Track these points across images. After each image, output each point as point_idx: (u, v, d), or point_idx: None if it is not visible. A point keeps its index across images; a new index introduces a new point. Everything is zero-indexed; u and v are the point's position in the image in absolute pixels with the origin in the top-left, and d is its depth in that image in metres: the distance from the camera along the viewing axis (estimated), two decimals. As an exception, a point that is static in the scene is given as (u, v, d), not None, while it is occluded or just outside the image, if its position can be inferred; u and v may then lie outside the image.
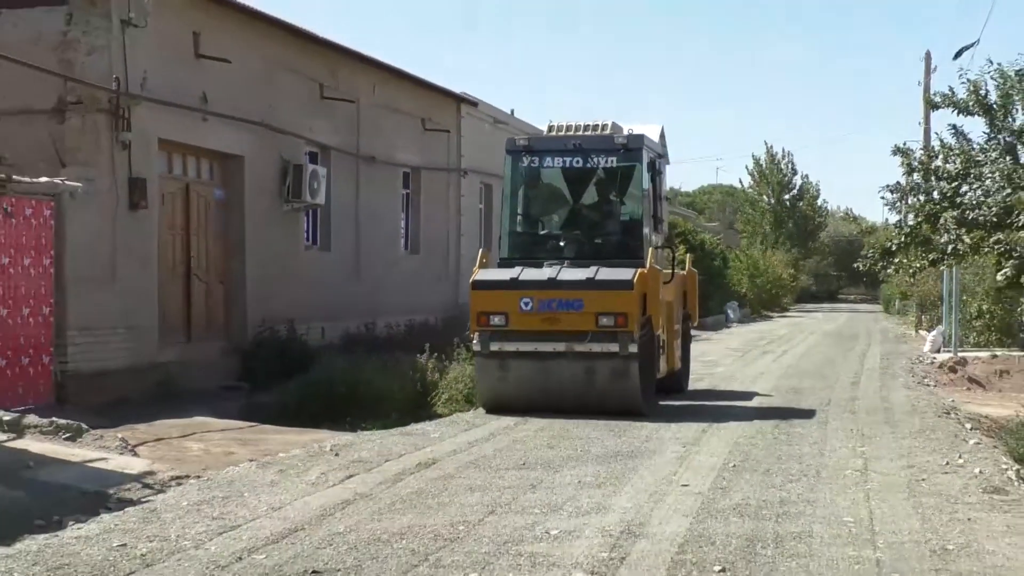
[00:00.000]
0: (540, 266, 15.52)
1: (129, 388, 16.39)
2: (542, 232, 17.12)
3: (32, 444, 11.86)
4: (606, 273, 14.88)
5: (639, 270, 15.03)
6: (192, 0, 18.74)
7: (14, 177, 13.67)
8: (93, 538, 8.50)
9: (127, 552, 8.09)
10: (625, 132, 16.79)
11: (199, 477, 11.09)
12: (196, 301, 19.65)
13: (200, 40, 18.88)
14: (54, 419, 12.85)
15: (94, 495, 9.95)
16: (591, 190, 17.32)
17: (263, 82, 20.83)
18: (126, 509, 9.57)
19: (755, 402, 18.39)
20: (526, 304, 14.85)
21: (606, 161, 16.70)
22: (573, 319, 14.75)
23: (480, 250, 17.25)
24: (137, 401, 15.83)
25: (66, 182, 15.87)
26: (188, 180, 19.57)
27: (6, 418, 12.55)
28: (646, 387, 15.18)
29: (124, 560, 7.86)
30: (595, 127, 16.83)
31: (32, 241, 15.52)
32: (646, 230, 16.37)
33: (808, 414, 16.86)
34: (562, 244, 16.51)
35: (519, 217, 16.96)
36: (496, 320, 15.05)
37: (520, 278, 15.18)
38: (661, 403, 16.55)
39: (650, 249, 15.93)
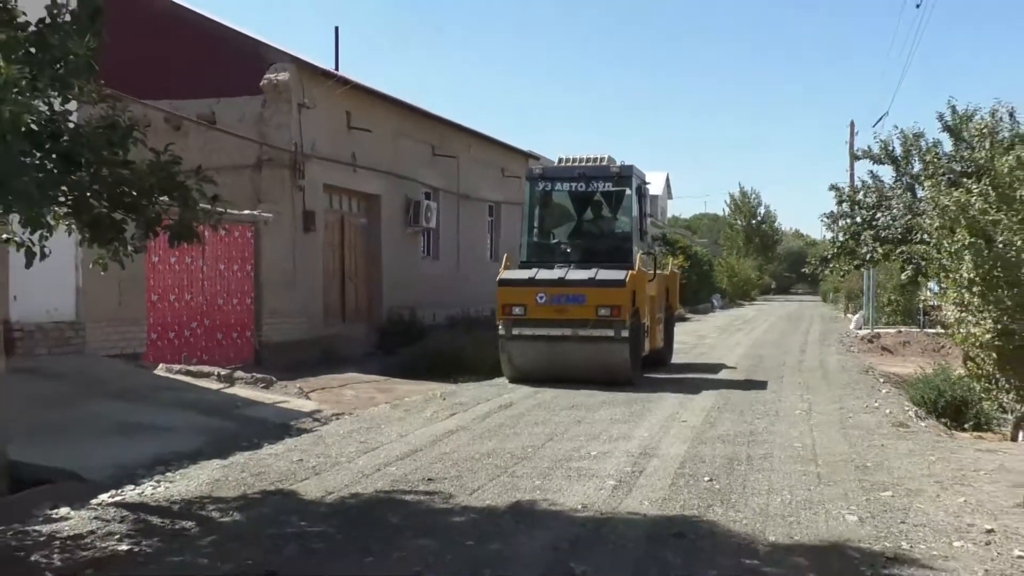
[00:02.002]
0: (552, 268, 14.40)
1: (303, 354, 16.53)
2: (553, 241, 15.74)
3: (239, 391, 12.00)
4: (604, 274, 13.80)
5: (629, 272, 13.90)
6: (345, 91, 18.82)
7: (228, 210, 13.80)
8: (280, 454, 8.61)
9: (303, 464, 8.19)
10: (618, 164, 15.47)
11: (350, 414, 11.16)
12: (348, 295, 19.78)
13: (350, 117, 19.00)
14: (254, 374, 13.00)
15: (281, 426, 10.07)
16: (591, 208, 16.13)
17: (392, 144, 20.91)
18: (302, 435, 9.70)
19: (731, 364, 18.22)
20: (540, 298, 13.77)
21: (603, 186, 15.55)
22: (577, 310, 13.61)
23: (505, 255, 15.92)
24: (309, 363, 15.97)
25: (261, 213, 16.07)
26: (343, 212, 19.69)
27: (222, 373, 12.72)
28: (634, 363, 14.06)
29: (301, 470, 7.96)
30: (595, 159, 15.60)
31: (239, 254, 15.74)
32: (634, 240, 15.12)
33: (769, 373, 16.72)
34: (569, 250, 15.32)
35: (535, 229, 15.58)
36: (517, 310, 13.91)
37: (536, 277, 14.05)
38: (653, 375, 15.22)
39: (638, 255, 14.68)
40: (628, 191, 15.42)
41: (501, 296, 14.10)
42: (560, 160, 15.88)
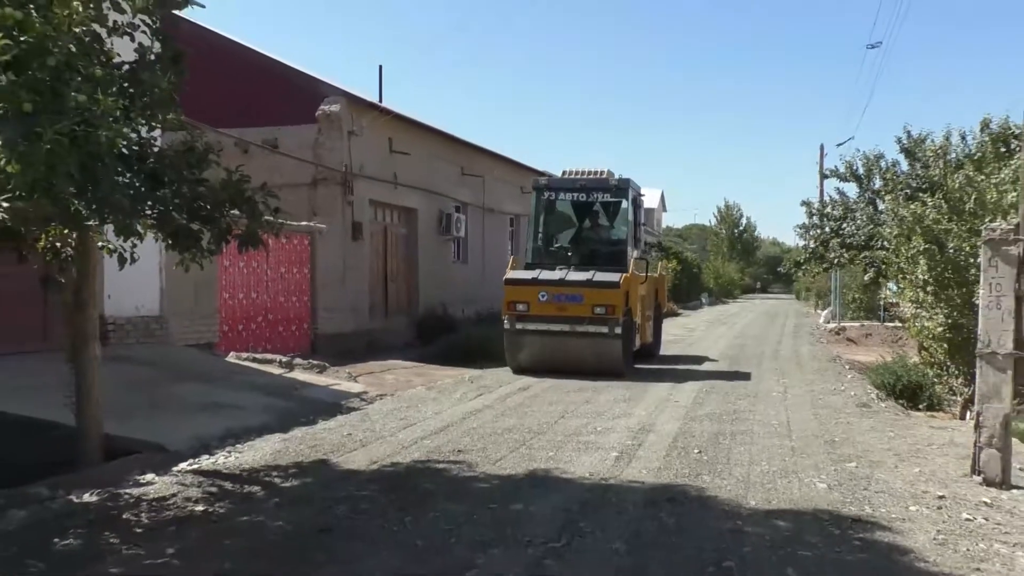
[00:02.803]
0: (553, 269, 13.71)
1: (352, 343, 16.56)
2: (556, 245, 15.11)
3: (298, 375, 12.06)
4: (600, 276, 13.13)
5: (623, 274, 13.29)
6: (387, 120, 18.85)
7: (288, 221, 13.86)
8: (332, 429, 8.65)
9: (352, 437, 8.22)
10: (616, 177, 14.81)
11: (392, 395, 11.19)
12: (390, 294, 19.76)
13: (392, 142, 18.99)
14: (310, 360, 13.07)
15: (333, 404, 10.11)
16: (591, 217, 15.50)
17: (428, 165, 20.88)
18: (351, 413, 9.73)
19: (717, 353, 18.14)
20: (542, 296, 13.08)
21: (602, 196, 14.97)
22: (576, 308, 12.95)
23: (511, 257, 15.28)
24: (356, 351, 16.01)
25: (316, 224, 16.09)
26: (386, 223, 19.68)
27: (283, 360, 12.77)
28: (626, 356, 13.40)
29: (350, 442, 7.99)
30: (595, 172, 14.91)
31: (298, 259, 15.78)
32: (629, 246, 14.41)
33: (749, 361, 16.63)
34: (570, 254, 14.70)
35: (540, 234, 14.99)
36: (520, 307, 13.24)
37: (539, 278, 13.35)
38: (644, 366, 14.71)
39: (631, 259, 14.10)
40: (624, 202, 14.83)
41: (507, 294, 13.50)
42: (564, 172, 15.25)
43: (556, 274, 13.44)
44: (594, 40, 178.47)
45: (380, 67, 24.36)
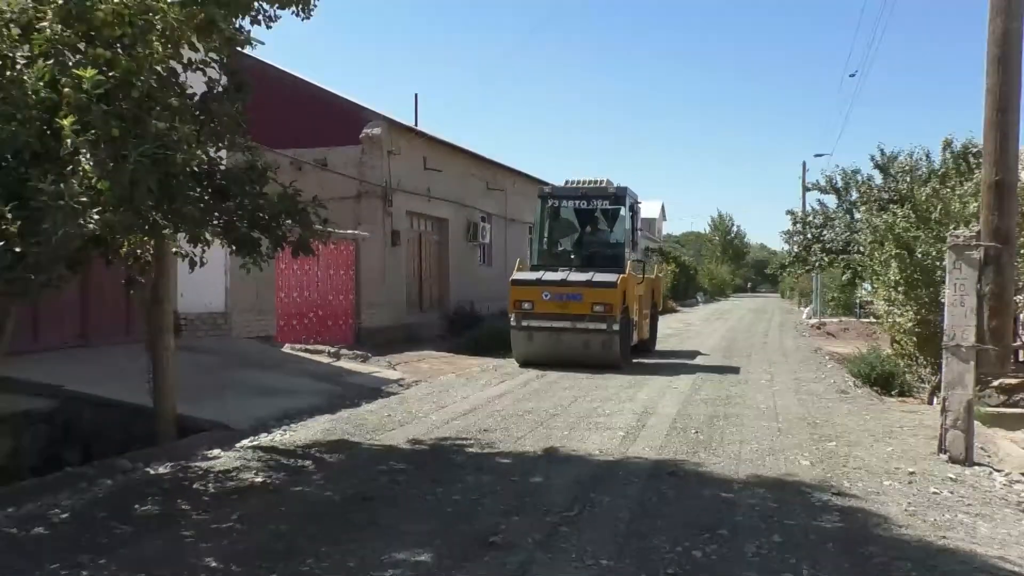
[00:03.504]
0: (556, 271, 13.13)
1: (391, 336, 16.62)
2: (559, 249, 14.42)
3: (344, 363, 12.12)
4: (599, 277, 12.53)
5: (620, 275, 12.65)
6: (422, 141, 18.92)
7: (336, 230, 13.97)
8: (374, 410, 8.68)
9: (391, 418, 8.25)
10: (615, 186, 14.11)
11: (426, 381, 11.20)
12: (424, 292, 19.82)
13: (426, 160, 19.04)
14: (355, 351, 13.13)
15: (374, 389, 10.14)
16: (591, 222, 14.78)
17: (459, 181, 20.92)
18: (390, 397, 9.76)
19: (710, 346, 18.01)
20: (546, 296, 12.45)
21: (602, 204, 14.25)
22: (576, 306, 12.34)
23: (518, 259, 14.65)
24: (395, 342, 16.08)
25: (360, 233, 16.17)
26: (420, 231, 19.73)
27: (331, 350, 12.84)
28: (624, 351, 12.81)
29: (389, 422, 8.02)
30: (596, 181, 14.26)
31: (344, 262, 15.86)
32: (626, 249, 13.79)
33: (740, 352, 16.52)
34: (572, 257, 14.05)
35: (545, 239, 14.26)
36: (526, 306, 12.57)
37: (543, 278, 12.72)
38: (640, 360, 13.99)
39: (628, 262, 13.46)
40: (623, 208, 14.17)
41: (513, 293, 12.80)
42: (566, 182, 14.57)
43: (558, 275, 12.90)
44: (606, 66, 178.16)
45: (416, 95, 24.89)
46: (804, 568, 4.13)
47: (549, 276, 12.87)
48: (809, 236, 26.74)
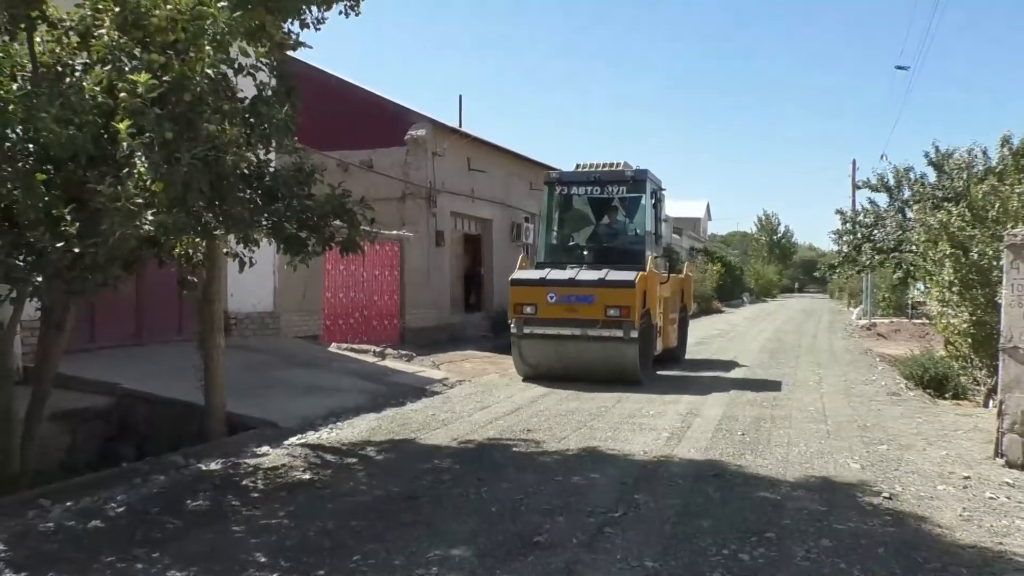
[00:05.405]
0: (565, 268, 11.35)
1: (435, 336, 16.73)
2: (570, 243, 12.60)
3: (389, 363, 12.18)
4: (614, 275, 10.71)
5: (640, 273, 10.75)
6: (466, 142, 18.99)
7: (382, 231, 14.12)
8: (419, 409, 8.73)
9: (435, 416, 8.29)
10: (633, 168, 12.19)
11: (469, 381, 11.22)
12: (468, 293, 19.95)
13: (470, 161, 19.12)
14: (399, 350, 13.16)
15: (419, 389, 10.17)
16: (607, 212, 12.60)
17: (502, 182, 20.97)
18: (434, 396, 9.79)
19: (755, 347, 17.73)
20: (551, 297, 10.65)
21: (618, 190, 12.16)
22: (587, 310, 10.50)
23: (520, 256, 12.61)
24: (439, 342, 16.17)
25: (405, 233, 16.31)
26: (464, 231, 19.85)
27: (377, 349, 12.92)
28: (644, 363, 10.90)
29: (434, 421, 8.06)
30: (610, 164, 12.26)
31: (389, 262, 16.00)
32: (647, 243, 11.84)
33: (787, 353, 16.25)
34: (584, 252, 12.13)
35: (553, 231, 12.57)
36: (528, 309, 10.80)
37: (547, 277, 10.94)
38: (665, 372, 12.13)
39: (650, 257, 11.49)
40: (643, 195, 12.18)
41: (513, 295, 11.07)
42: (577, 165, 12.55)
43: (566, 273, 11.07)
44: (651, 67, 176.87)
45: (460, 96, 24.78)
46: (855, 573, 4.05)
47: (555, 275, 11.07)
48: (859, 235, 26.17)
